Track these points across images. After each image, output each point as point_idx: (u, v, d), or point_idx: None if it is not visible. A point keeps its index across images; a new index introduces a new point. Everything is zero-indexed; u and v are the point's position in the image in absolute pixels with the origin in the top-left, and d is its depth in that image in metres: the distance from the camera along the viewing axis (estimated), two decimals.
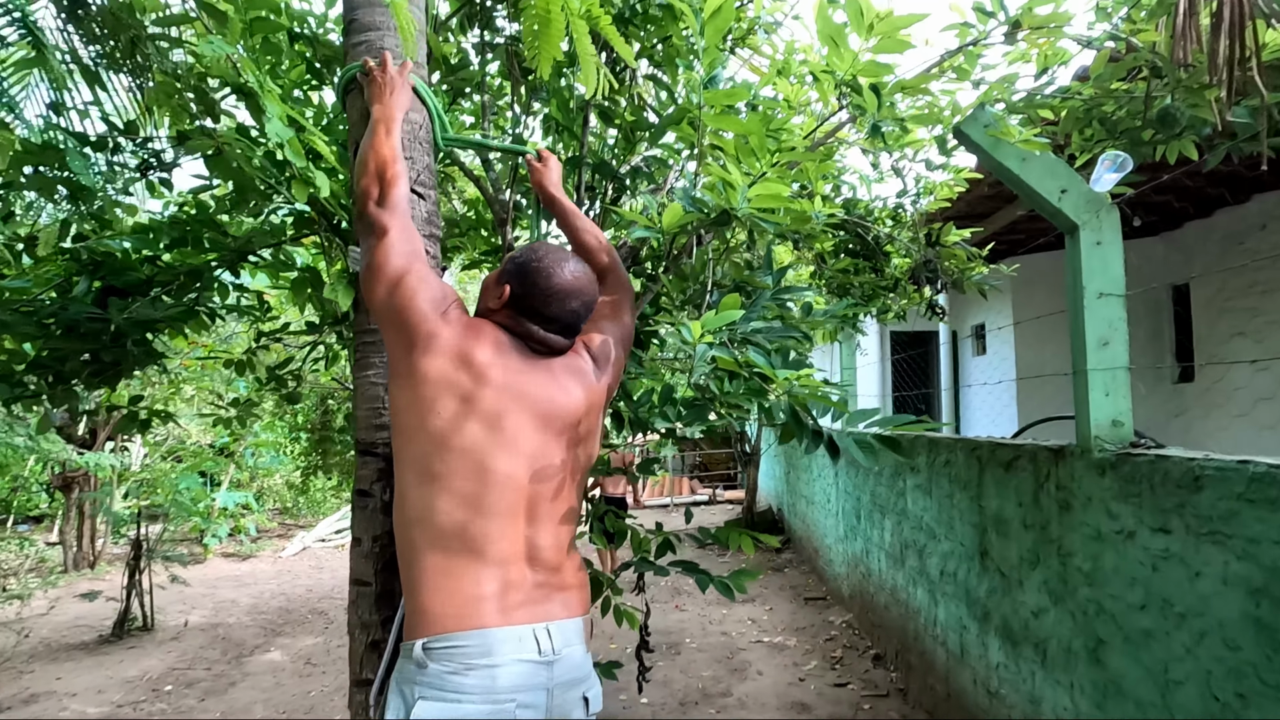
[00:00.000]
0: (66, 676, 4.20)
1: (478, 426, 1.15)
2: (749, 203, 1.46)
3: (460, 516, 1.12)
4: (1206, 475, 1.41)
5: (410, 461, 1.16)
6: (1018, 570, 2.21)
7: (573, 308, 1.27)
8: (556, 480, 1.22)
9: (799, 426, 1.34)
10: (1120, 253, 1.83)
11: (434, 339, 1.16)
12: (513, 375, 1.21)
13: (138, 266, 2.45)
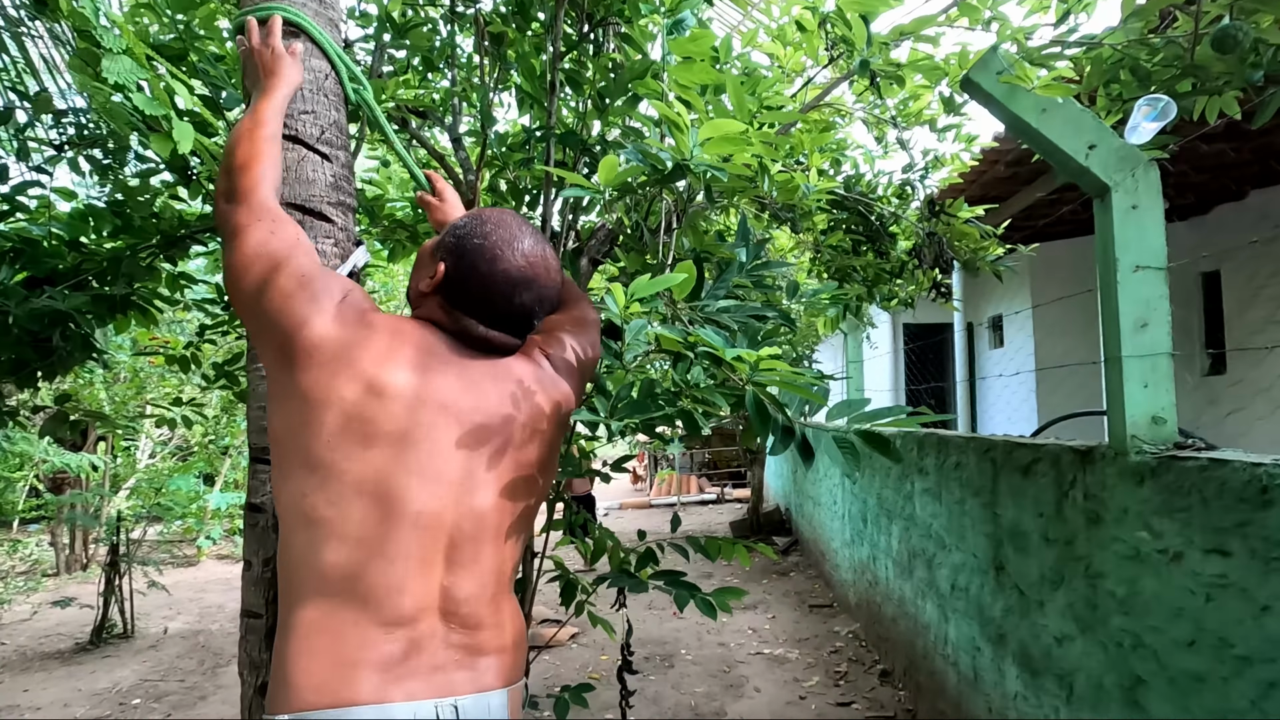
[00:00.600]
0: (34, 689, 4.03)
1: (380, 451, 0.90)
2: (701, 148, 1.19)
3: (352, 561, 0.88)
4: (1278, 486, 1.14)
5: (292, 499, 0.91)
6: (1038, 590, 1.94)
7: (523, 301, 1.02)
8: (489, 514, 0.96)
9: (763, 422, 1.07)
10: (1161, 219, 1.55)
11: (316, 349, 0.91)
12: (435, 381, 0.95)
13: (61, 253, 2.24)
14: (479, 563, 0.95)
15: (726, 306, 1.39)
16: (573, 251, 2.38)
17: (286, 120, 1.33)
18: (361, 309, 0.97)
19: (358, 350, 0.93)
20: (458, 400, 0.96)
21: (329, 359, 0.91)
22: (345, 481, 0.89)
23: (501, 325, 1.02)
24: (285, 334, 0.92)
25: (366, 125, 1.68)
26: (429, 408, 0.94)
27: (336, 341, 0.92)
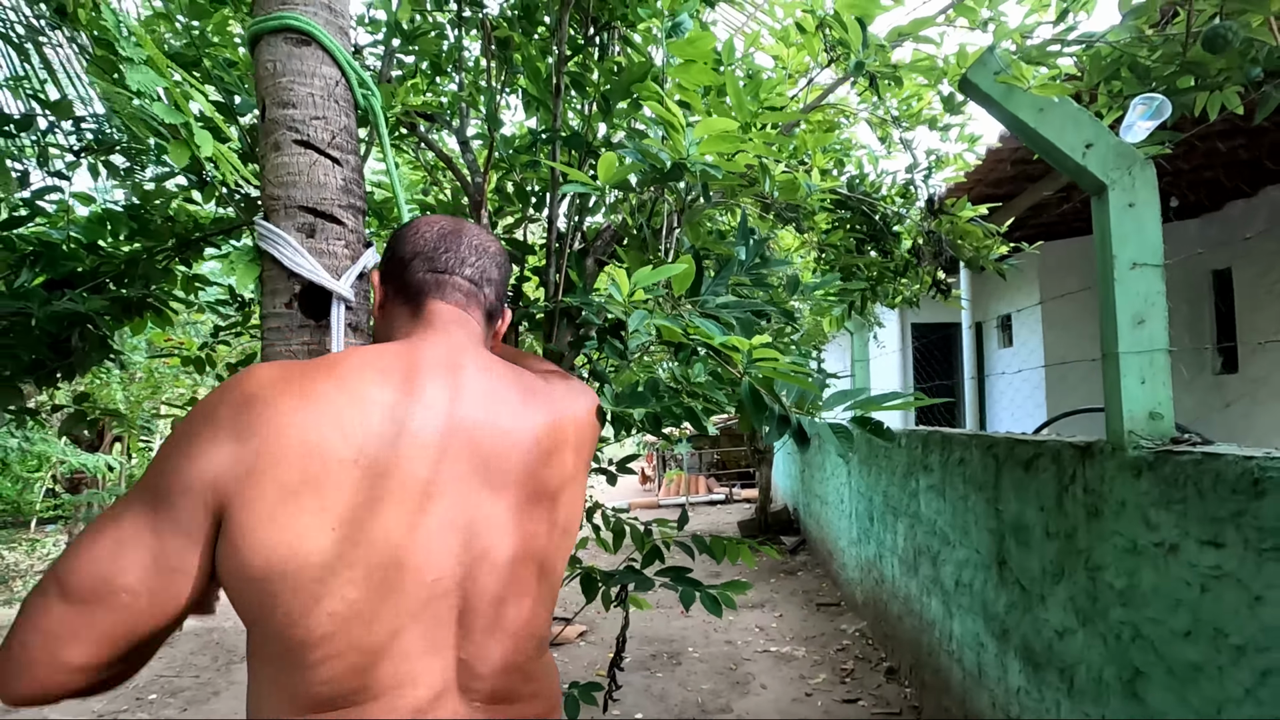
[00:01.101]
0: None
1: (356, 527, 0.70)
2: (697, 147, 1.22)
3: (348, 666, 0.69)
4: (1270, 478, 1.15)
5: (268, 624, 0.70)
6: (1040, 584, 1.95)
7: (459, 253, 0.90)
8: (507, 563, 0.78)
9: (758, 410, 1.10)
10: (1157, 215, 1.57)
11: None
12: (413, 409, 0.75)
13: (80, 256, 2.30)
14: (501, 625, 0.78)
15: (726, 302, 1.42)
16: (578, 252, 2.41)
17: (297, 125, 1.38)
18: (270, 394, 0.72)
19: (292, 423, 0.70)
20: (457, 427, 0.77)
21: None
22: (341, 578, 0.69)
23: (447, 266, 0.89)
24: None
25: (375, 130, 1.72)
26: (414, 444, 0.74)
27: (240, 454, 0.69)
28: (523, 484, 0.80)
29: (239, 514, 0.67)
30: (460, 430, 0.77)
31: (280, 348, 1.35)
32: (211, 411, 0.71)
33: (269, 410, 0.70)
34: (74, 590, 0.65)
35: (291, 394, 0.71)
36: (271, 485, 0.68)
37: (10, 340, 2.08)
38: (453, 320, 0.87)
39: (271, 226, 1.34)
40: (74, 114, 2.17)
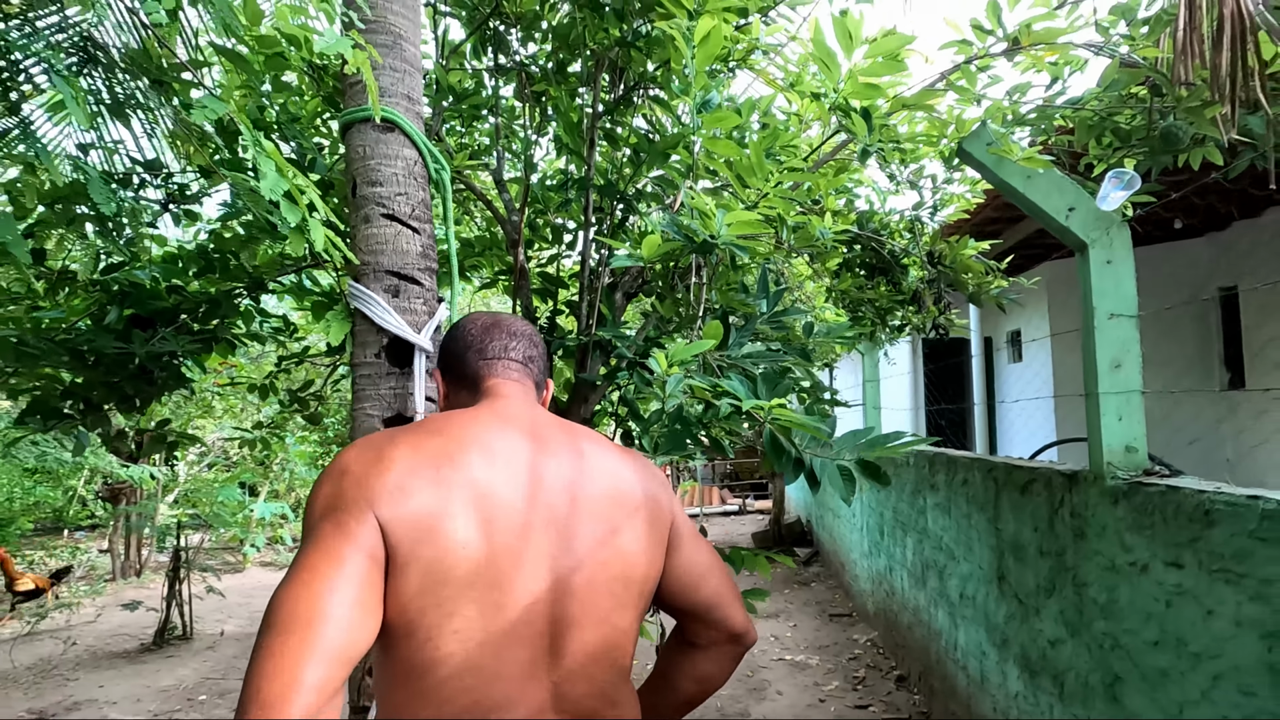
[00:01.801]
0: (108, 684, 4.36)
1: (471, 574, 0.82)
2: (728, 229, 1.45)
3: (462, 688, 0.81)
4: (1217, 510, 1.35)
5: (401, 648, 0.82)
6: (1035, 598, 2.14)
7: (502, 340, 1.04)
8: (590, 596, 0.88)
9: (778, 454, 1.31)
10: (1132, 271, 1.77)
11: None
12: (506, 457, 0.88)
13: (164, 295, 2.55)
14: (587, 653, 0.88)
15: (750, 353, 1.64)
16: (608, 287, 2.63)
17: (385, 201, 1.62)
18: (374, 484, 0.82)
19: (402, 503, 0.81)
20: (532, 476, 0.89)
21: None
22: (444, 611, 0.80)
23: (497, 354, 1.03)
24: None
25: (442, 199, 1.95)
26: (505, 493, 0.85)
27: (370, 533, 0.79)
28: (599, 522, 0.90)
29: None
30: (541, 473, 0.88)
31: (370, 392, 1.59)
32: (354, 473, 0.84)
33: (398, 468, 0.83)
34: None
35: (404, 447, 0.85)
36: (416, 521, 0.80)
37: (108, 375, 2.33)
38: (512, 391, 1.00)
39: (363, 289, 1.58)
40: (165, 169, 2.43)
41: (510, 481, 0.86)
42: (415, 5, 1.75)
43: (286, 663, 0.68)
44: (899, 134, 1.90)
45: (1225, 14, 1.33)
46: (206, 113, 1.19)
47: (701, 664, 1.03)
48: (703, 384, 1.32)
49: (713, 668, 1.04)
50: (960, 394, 7.39)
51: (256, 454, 3.79)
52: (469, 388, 1.02)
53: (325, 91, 2.51)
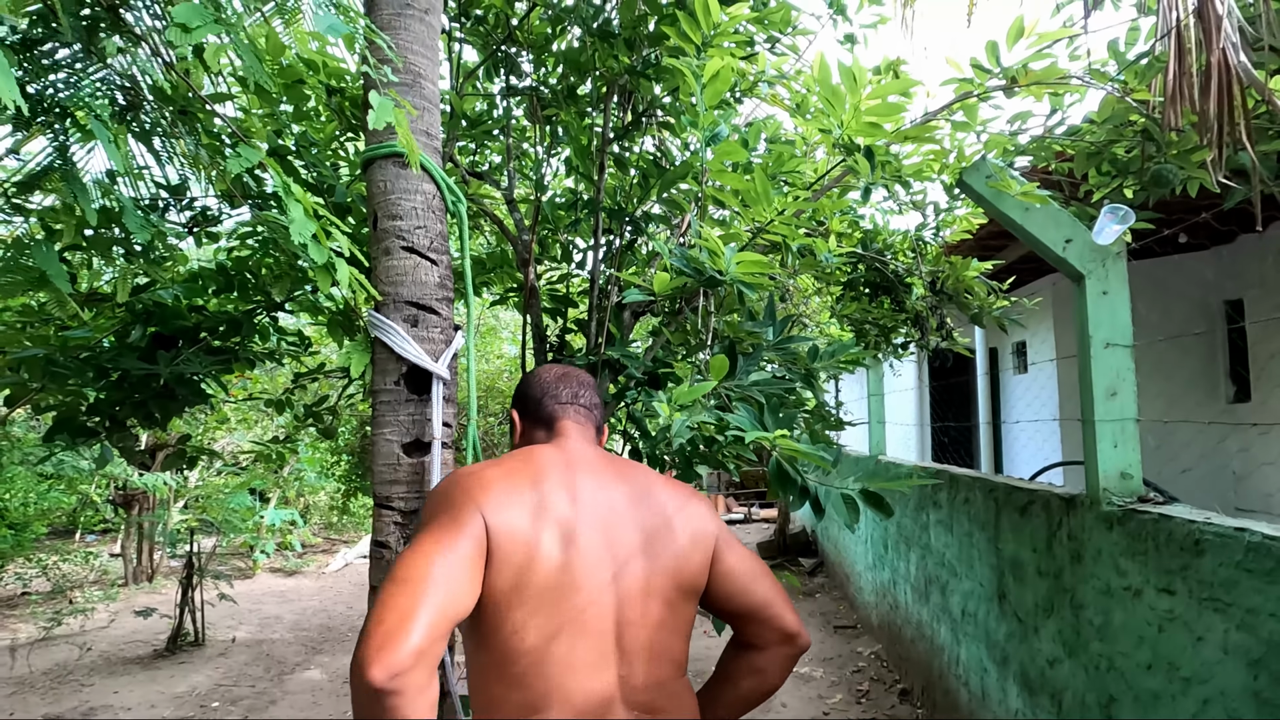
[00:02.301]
0: (122, 690, 4.44)
1: (549, 575, 0.99)
2: (736, 267, 1.51)
3: (541, 672, 0.97)
4: (1206, 540, 1.40)
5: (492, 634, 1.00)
6: (1034, 617, 2.19)
7: (569, 388, 1.24)
8: (650, 601, 1.04)
9: (784, 483, 1.37)
10: (1127, 302, 1.82)
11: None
12: (573, 492, 1.07)
13: (186, 314, 2.63)
14: (649, 649, 1.03)
15: (757, 380, 1.70)
16: (617, 306, 2.70)
17: (405, 234, 1.68)
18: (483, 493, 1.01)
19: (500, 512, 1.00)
20: (592, 496, 1.07)
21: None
22: (524, 609, 0.97)
23: (567, 399, 1.22)
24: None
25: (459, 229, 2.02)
26: (571, 512, 1.03)
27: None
28: (650, 536, 1.07)
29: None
30: (605, 499, 1.07)
31: (389, 417, 1.66)
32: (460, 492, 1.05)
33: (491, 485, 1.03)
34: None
35: (499, 471, 1.06)
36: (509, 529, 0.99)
37: (133, 392, 2.40)
38: (577, 433, 1.19)
39: (383, 318, 1.65)
40: (189, 194, 2.51)
41: (579, 506, 1.05)
42: (434, 44, 1.82)
43: (404, 603, 0.85)
44: (901, 165, 1.96)
45: (1213, 61, 1.38)
46: (241, 162, 1.25)
47: (758, 662, 1.16)
48: (708, 419, 1.38)
49: (769, 666, 1.16)
50: (966, 408, 7.42)
51: (271, 466, 3.88)
52: (544, 427, 1.21)
53: (346, 121, 2.58)
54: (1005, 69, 1.79)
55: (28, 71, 1.54)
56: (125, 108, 1.60)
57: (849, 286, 3.10)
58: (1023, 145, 2.15)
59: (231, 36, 1.33)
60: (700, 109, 1.87)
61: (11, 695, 4.37)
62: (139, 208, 2.44)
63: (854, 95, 1.62)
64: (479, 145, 3.33)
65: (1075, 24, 1.98)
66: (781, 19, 2.53)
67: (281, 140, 2.62)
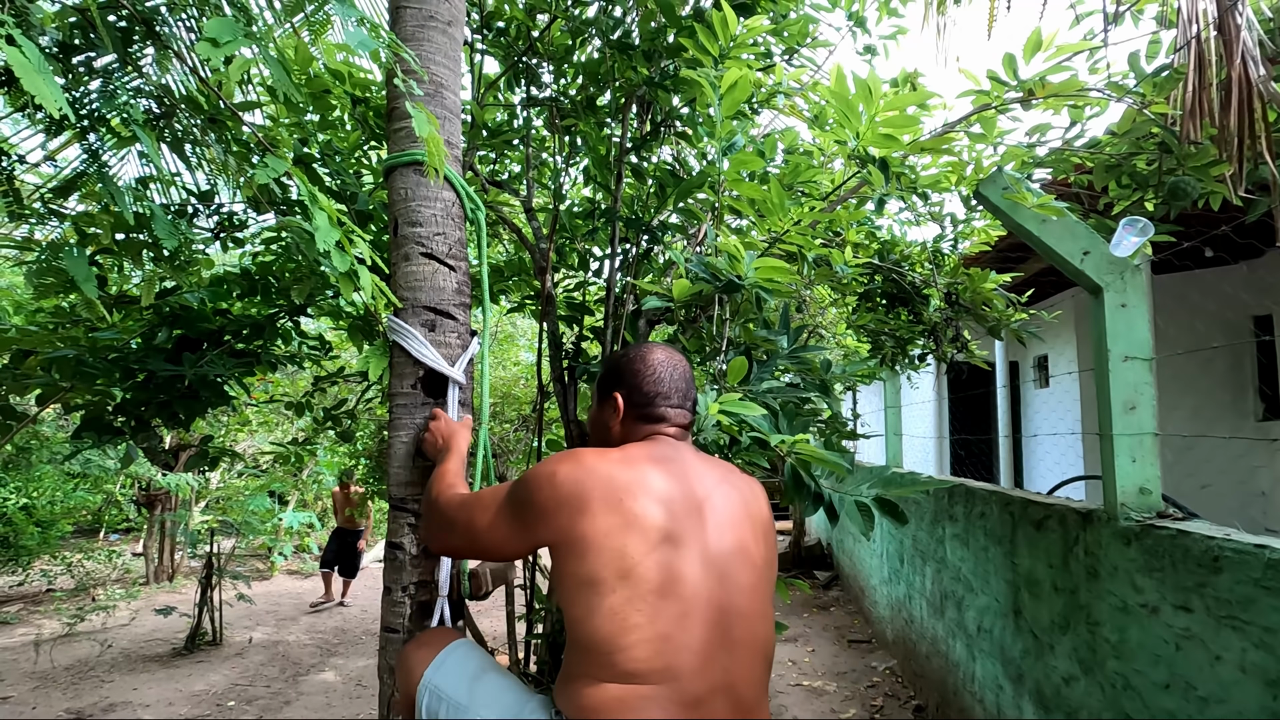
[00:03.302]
0: (142, 687, 4.51)
1: (664, 551, 1.02)
2: (755, 272, 1.52)
3: (656, 651, 0.98)
4: (1225, 557, 1.38)
5: (599, 601, 1.01)
6: (1049, 634, 2.16)
7: (681, 375, 1.25)
8: (750, 594, 1.07)
9: (798, 488, 1.38)
10: (1147, 314, 1.80)
11: (592, 533, 1.03)
12: (680, 482, 1.10)
13: (211, 317, 2.68)
14: (751, 643, 1.05)
15: (771, 388, 1.70)
16: (632, 314, 2.71)
17: (424, 240, 1.72)
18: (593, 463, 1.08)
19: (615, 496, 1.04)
20: (701, 492, 1.10)
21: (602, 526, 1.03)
22: (646, 586, 0.99)
23: (678, 400, 1.23)
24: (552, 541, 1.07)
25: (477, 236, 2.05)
26: (686, 505, 1.07)
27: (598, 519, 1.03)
28: (747, 534, 1.12)
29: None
30: (705, 496, 1.10)
31: (405, 420, 1.69)
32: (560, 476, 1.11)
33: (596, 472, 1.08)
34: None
35: (609, 461, 1.10)
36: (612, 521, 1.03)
37: (158, 393, 2.46)
38: (679, 433, 1.22)
39: (401, 323, 1.68)
40: (215, 201, 2.57)
41: (682, 497, 1.08)
42: (456, 55, 1.86)
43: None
44: (917, 176, 1.96)
45: (1233, 76, 1.38)
46: (268, 172, 1.29)
47: None
48: (730, 421, 1.39)
49: None
50: (986, 421, 7.33)
51: (289, 468, 3.94)
52: (650, 421, 1.22)
53: (369, 130, 2.64)
54: (1023, 81, 1.79)
55: (67, 79, 1.60)
56: (158, 116, 1.65)
57: (865, 297, 3.09)
58: (1041, 157, 2.14)
59: (261, 50, 1.38)
60: (717, 120, 1.89)
61: (35, 690, 4.45)
62: (168, 213, 2.51)
63: (870, 107, 1.62)
64: (499, 154, 3.37)
65: (1095, 37, 1.98)
66: (800, 31, 2.55)
67: (306, 148, 2.68)
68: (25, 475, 6.61)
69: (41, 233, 2.92)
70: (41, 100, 0.94)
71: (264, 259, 2.75)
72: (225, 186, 3.02)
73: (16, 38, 0.94)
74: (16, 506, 6.58)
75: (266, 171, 1.27)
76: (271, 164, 1.31)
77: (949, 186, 2.04)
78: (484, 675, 1.17)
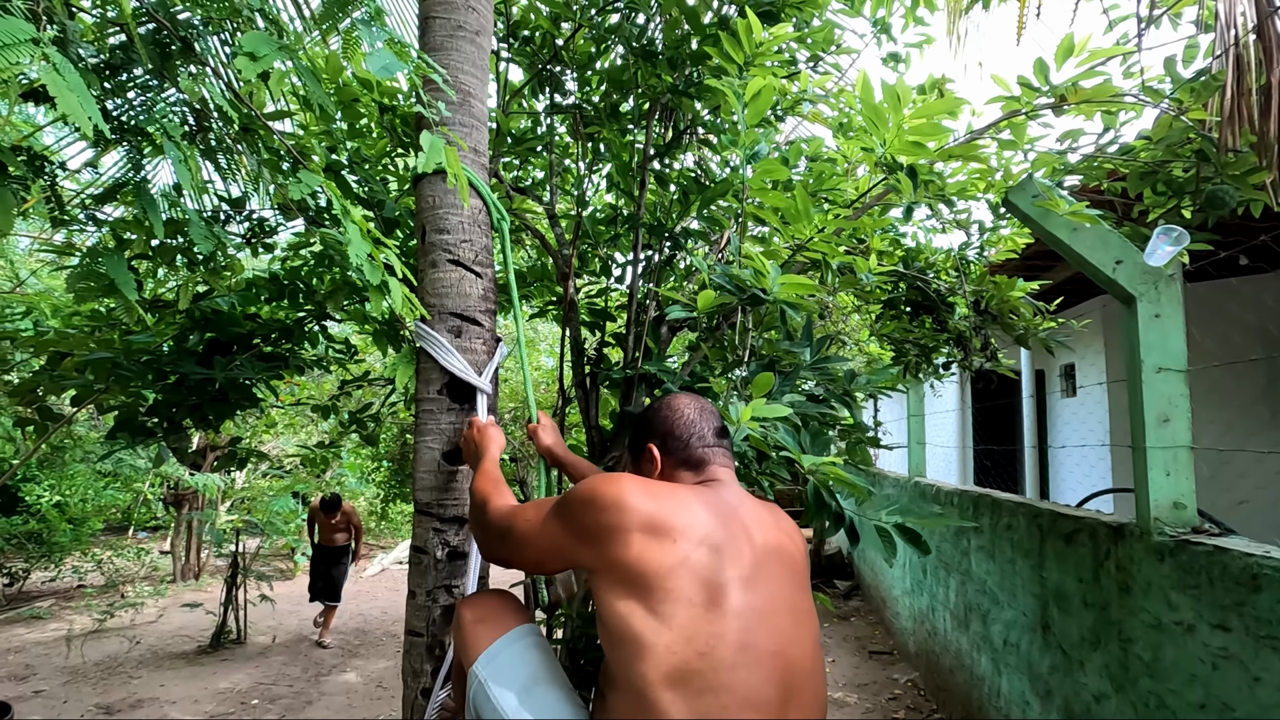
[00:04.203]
0: (168, 684, 4.59)
1: (730, 599, 0.97)
2: (780, 287, 1.51)
3: (711, 687, 0.92)
4: (1265, 575, 1.34)
5: (658, 646, 0.94)
6: (1079, 650, 2.11)
7: (713, 424, 1.22)
8: (809, 647, 1.03)
9: (820, 508, 1.36)
10: (1181, 325, 1.76)
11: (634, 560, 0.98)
12: (736, 527, 1.06)
13: (240, 321, 2.73)
14: (811, 697, 1.00)
15: (792, 401, 1.69)
16: (654, 321, 2.71)
17: (451, 248, 1.73)
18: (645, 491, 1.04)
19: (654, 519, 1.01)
20: (754, 537, 1.06)
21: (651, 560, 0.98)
22: (705, 629, 0.94)
23: (713, 441, 1.19)
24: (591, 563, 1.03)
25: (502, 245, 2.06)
26: (745, 550, 1.02)
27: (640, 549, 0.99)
28: (798, 581, 1.08)
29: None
30: (754, 539, 1.05)
31: (431, 425, 1.70)
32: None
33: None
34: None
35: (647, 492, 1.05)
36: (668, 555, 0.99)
37: (190, 395, 2.51)
38: (724, 475, 1.18)
39: (428, 329, 1.69)
40: (247, 208, 2.63)
41: (730, 536, 1.03)
42: (484, 64, 1.88)
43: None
44: (945, 184, 1.94)
45: (1273, 82, 1.35)
46: (302, 187, 1.31)
47: None
48: (759, 436, 1.38)
49: None
50: (1011, 431, 7.22)
51: (315, 470, 4.01)
52: (691, 468, 1.18)
53: (398, 138, 2.67)
54: (1054, 87, 1.77)
55: (107, 91, 1.64)
56: (193, 127, 1.69)
57: (889, 305, 3.06)
58: (1072, 164, 2.11)
59: (294, 62, 1.40)
60: (741, 127, 1.89)
61: (66, 684, 4.55)
62: (201, 219, 2.56)
63: (897, 114, 1.61)
64: (523, 161, 3.40)
65: (1128, 42, 1.94)
66: (824, 38, 2.54)
67: (335, 156, 2.72)
68: (59, 474, 6.77)
69: (79, 239, 2.99)
70: (75, 119, 0.96)
71: (292, 264, 2.80)
72: (255, 194, 3.08)
73: (52, 56, 0.97)
74: (50, 504, 6.75)
75: (300, 187, 1.29)
76: (305, 178, 1.33)
77: (976, 194, 2.02)
78: (537, 687, 1.10)
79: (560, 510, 1.09)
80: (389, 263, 1.52)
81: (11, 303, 3.69)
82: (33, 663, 4.99)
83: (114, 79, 1.65)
